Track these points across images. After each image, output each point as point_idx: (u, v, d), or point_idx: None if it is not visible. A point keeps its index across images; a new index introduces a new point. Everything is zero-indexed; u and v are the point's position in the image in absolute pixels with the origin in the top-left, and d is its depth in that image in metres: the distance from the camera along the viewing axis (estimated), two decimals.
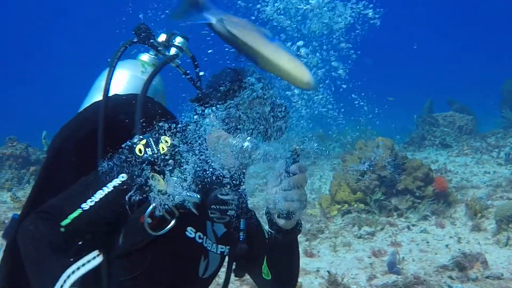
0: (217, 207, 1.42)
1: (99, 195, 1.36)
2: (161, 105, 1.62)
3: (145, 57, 1.67)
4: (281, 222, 1.42)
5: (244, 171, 1.54)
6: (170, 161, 1.40)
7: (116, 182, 1.37)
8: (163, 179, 1.37)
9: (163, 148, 1.41)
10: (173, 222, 1.40)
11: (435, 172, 6.06)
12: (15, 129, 10.45)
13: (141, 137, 1.44)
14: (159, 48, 1.65)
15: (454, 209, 5.45)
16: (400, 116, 11.35)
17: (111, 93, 1.56)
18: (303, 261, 4.38)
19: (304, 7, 1.48)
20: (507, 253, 4.27)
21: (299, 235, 1.55)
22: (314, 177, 7.55)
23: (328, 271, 3.95)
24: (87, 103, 1.64)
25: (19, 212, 1.54)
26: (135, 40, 1.62)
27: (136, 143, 1.42)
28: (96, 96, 1.63)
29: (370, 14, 1.49)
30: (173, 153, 1.41)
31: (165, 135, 1.44)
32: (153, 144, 1.41)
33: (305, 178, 1.40)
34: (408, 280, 3.79)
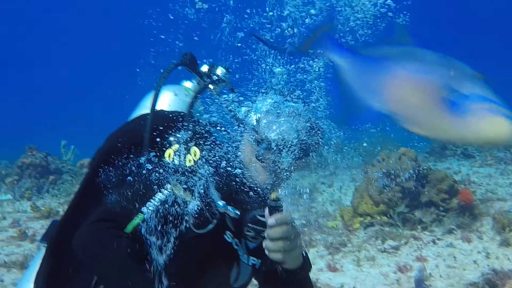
0: (254, 227, 1.45)
1: (159, 197, 1.39)
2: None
3: (188, 84, 1.75)
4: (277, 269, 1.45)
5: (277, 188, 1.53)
6: (193, 175, 1.42)
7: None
8: (184, 190, 1.40)
9: (190, 160, 1.44)
10: (214, 222, 1.43)
11: (458, 184, 5.89)
12: (35, 138, 10.58)
13: (178, 136, 1.48)
14: (202, 77, 1.72)
15: (480, 222, 5.28)
16: None
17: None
18: (327, 275, 4.28)
19: None
20: None
21: (322, 248, 1.60)
22: (333, 187, 7.44)
23: None
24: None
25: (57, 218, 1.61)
26: (181, 65, 1.70)
27: (171, 143, 1.47)
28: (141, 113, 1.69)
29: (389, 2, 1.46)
30: (198, 166, 1.43)
31: (197, 146, 1.47)
32: (182, 153, 1.44)
33: (285, 231, 1.36)
34: None
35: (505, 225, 4.93)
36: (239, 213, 1.44)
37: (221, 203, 1.42)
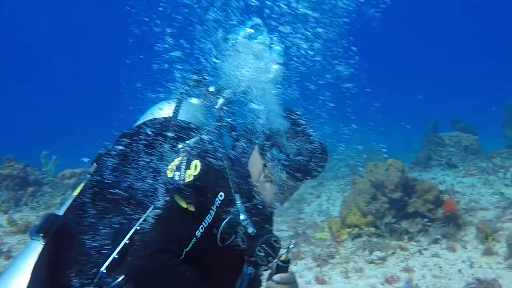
0: (266, 249, 1.54)
1: (208, 219, 1.50)
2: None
3: (195, 101, 1.86)
4: None
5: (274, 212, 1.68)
6: (191, 191, 1.47)
7: (217, 202, 1.50)
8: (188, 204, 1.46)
9: (189, 176, 1.47)
10: (233, 237, 1.54)
11: (443, 194, 5.95)
12: (13, 148, 10.26)
13: (181, 145, 1.54)
14: (210, 97, 1.82)
15: (464, 232, 5.34)
16: (405, 135, 11.28)
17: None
18: None
19: None
20: None
21: (310, 260, 1.72)
22: (321, 198, 7.43)
23: None
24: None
25: (57, 212, 1.64)
26: (194, 84, 1.79)
27: (174, 158, 1.52)
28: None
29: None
30: (198, 182, 1.47)
31: (199, 159, 1.51)
32: (183, 168, 1.49)
33: None
34: None
35: (488, 235, 5.00)
36: (255, 231, 1.52)
37: (243, 216, 1.52)
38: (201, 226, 1.48)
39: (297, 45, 1.63)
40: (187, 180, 1.47)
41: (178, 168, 1.49)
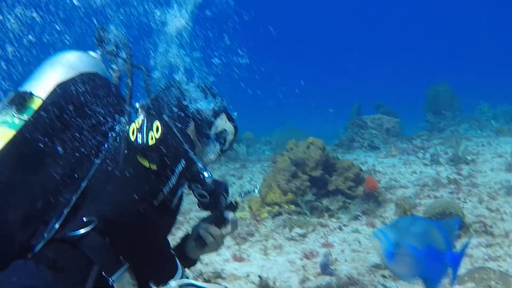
0: (225, 195, 1.79)
1: (174, 180, 1.57)
2: None
3: (93, 54, 1.81)
4: (191, 243, 1.86)
5: None
6: (156, 154, 1.48)
7: (180, 167, 1.57)
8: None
9: (152, 137, 1.48)
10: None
11: (365, 173, 6.03)
12: None
13: (138, 104, 1.57)
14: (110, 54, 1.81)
15: (383, 208, 5.44)
16: (329, 120, 11.51)
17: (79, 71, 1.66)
18: (233, 266, 4.07)
19: None
20: None
21: (229, 239, 1.62)
22: (243, 180, 7.29)
23: (259, 276, 3.66)
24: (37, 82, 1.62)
25: None
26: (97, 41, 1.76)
27: (134, 120, 1.52)
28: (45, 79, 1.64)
29: None
30: (161, 143, 1.48)
31: (158, 119, 1.52)
32: (144, 129, 1.49)
33: (230, 230, 1.84)
34: (342, 281, 3.60)
35: (406, 210, 5.09)
36: (211, 176, 1.69)
37: (207, 174, 1.67)
38: (167, 185, 1.55)
39: None
40: (150, 142, 1.48)
41: (140, 129, 1.49)
